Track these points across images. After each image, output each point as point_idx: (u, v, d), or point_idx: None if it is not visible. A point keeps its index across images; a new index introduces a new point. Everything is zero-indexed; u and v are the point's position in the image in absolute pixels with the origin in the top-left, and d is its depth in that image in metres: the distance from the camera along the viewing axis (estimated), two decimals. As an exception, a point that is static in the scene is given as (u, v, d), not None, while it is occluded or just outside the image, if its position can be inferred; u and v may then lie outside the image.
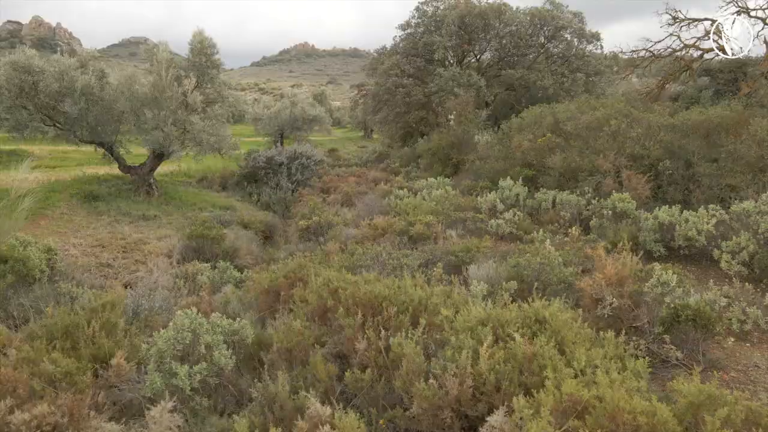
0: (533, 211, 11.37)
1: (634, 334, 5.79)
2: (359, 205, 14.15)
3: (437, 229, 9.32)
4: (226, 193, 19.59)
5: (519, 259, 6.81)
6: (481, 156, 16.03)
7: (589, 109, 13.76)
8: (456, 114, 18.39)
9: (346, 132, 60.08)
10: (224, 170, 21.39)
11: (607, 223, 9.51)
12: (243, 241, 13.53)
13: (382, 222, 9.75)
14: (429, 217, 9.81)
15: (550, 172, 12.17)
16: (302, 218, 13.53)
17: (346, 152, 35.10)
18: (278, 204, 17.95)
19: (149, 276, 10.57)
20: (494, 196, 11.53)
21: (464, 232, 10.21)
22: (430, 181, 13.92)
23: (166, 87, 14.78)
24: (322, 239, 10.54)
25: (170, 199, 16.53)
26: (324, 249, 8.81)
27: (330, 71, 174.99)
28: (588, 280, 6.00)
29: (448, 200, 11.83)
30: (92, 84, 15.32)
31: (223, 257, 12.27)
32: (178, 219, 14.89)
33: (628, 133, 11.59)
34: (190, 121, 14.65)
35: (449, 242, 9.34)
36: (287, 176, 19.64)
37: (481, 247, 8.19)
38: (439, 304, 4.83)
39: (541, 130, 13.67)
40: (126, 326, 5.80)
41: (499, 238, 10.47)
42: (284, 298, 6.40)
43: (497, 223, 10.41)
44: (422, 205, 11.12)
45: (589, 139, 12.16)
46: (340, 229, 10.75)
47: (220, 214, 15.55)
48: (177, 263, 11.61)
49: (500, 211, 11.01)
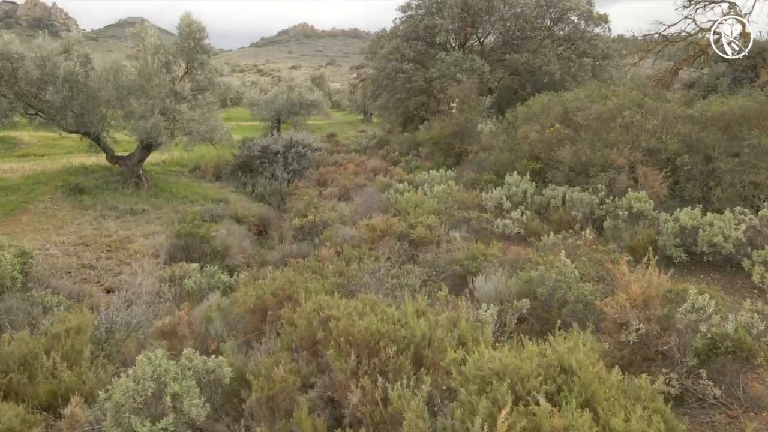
0: (541, 209, 10.71)
1: (662, 362, 5.18)
2: (357, 199, 13.48)
3: (440, 232, 8.66)
4: (220, 183, 18.90)
5: (531, 273, 6.17)
6: (484, 146, 15.31)
7: (600, 98, 12.99)
8: (458, 101, 17.61)
9: (346, 115, 59.06)
10: (218, 159, 20.66)
11: (622, 224, 8.85)
12: (235, 237, 12.90)
13: (380, 223, 9.10)
14: (431, 217, 9.15)
15: (560, 167, 11.48)
16: (297, 214, 12.87)
17: (345, 137, 34.27)
18: (273, 195, 17.28)
19: (133, 279, 9.96)
20: (500, 193, 10.85)
21: (469, 233, 9.56)
22: (432, 175, 13.23)
23: (153, 74, 14.00)
24: (317, 240, 9.89)
25: (160, 192, 15.85)
26: (318, 255, 8.17)
27: (329, 52, 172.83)
28: (610, 302, 5.37)
29: (451, 196, 11.15)
30: (76, 70, 14.55)
31: (213, 257, 11.65)
32: (168, 213, 14.23)
33: (644, 125, 10.87)
34: (178, 110, 13.90)
35: (453, 245, 8.70)
36: (283, 166, 18.93)
37: (488, 254, 7.54)
38: (444, 339, 4.20)
39: (549, 121, 12.93)
40: (94, 353, 5.19)
41: (505, 238, 9.83)
42: (272, 318, 5.78)
43: (504, 223, 9.75)
44: (423, 203, 10.45)
45: (600, 131, 11.44)
46: (336, 228, 10.10)
47: (212, 207, 14.90)
48: (164, 264, 10.99)
49: (506, 209, 10.34)
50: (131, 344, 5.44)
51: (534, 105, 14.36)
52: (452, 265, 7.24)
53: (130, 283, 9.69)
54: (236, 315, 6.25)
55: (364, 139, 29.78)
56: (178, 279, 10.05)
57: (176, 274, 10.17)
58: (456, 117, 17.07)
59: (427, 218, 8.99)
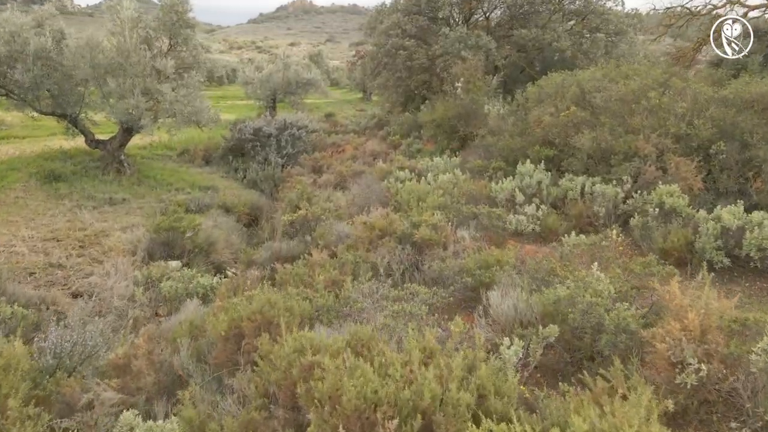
0: (558, 202, 9.68)
1: (726, 409, 4.22)
2: (354, 188, 12.44)
3: (446, 232, 7.65)
4: (210, 168, 17.80)
5: (559, 292, 5.17)
6: (492, 130, 14.19)
7: (620, 77, 11.85)
8: (463, 80, 16.42)
9: (345, 93, 57.48)
10: (209, 142, 19.50)
11: (652, 222, 7.83)
12: (222, 230, 11.89)
13: (379, 220, 8.07)
14: (436, 214, 8.12)
15: (577, 154, 10.41)
16: (289, 205, 11.85)
17: (343, 116, 33.03)
18: (266, 182, 16.21)
19: (105, 281, 8.96)
20: (512, 184, 9.80)
21: (478, 231, 8.55)
22: (436, 162, 12.16)
23: (132, 51, 12.82)
24: (309, 238, 8.88)
25: (144, 178, 14.78)
26: (308, 260, 7.16)
27: (328, 29, 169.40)
28: (660, 333, 4.38)
29: (458, 187, 10.12)
30: (49, 47, 13.36)
31: (196, 253, 10.65)
32: (151, 203, 13.19)
33: (672, 108, 9.77)
34: (160, 90, 12.75)
35: (461, 246, 7.70)
36: (276, 149, 17.81)
37: (503, 261, 6.55)
38: (461, 398, 3.22)
39: (564, 103, 11.81)
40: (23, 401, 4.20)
41: (518, 234, 8.82)
42: (248, 348, 4.81)
43: (517, 219, 8.73)
44: (427, 196, 9.42)
45: (623, 114, 10.34)
46: (329, 225, 9.08)
47: (199, 196, 13.86)
48: (141, 262, 10.00)
49: (520, 203, 9.31)
50: (76, 383, 4.46)
51: (547, 85, 13.21)
52: (462, 275, 6.25)
53: (101, 286, 8.72)
54: (209, 339, 5.28)
55: (364, 119, 28.65)
56: (155, 281, 9.08)
57: (153, 275, 9.20)
58: (461, 97, 15.90)
59: (431, 215, 7.97)
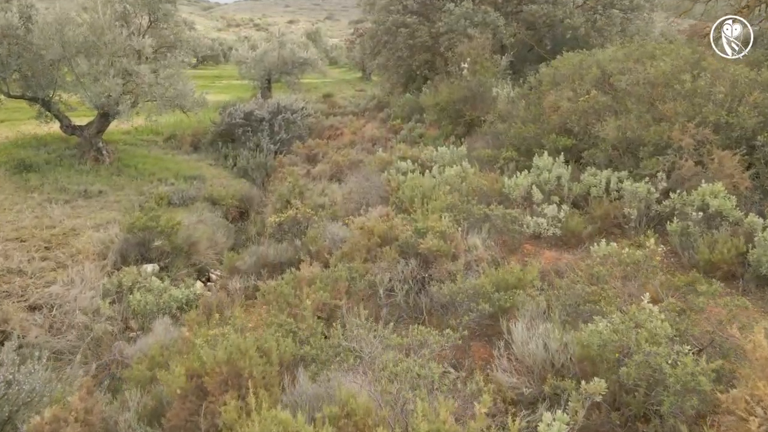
0: (579, 200, 8.60)
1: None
2: (352, 180, 11.35)
3: (456, 240, 6.59)
4: (198, 155, 16.66)
5: (603, 333, 4.13)
6: (502, 115, 13.04)
7: (645, 57, 10.67)
8: (470, 61, 15.20)
9: (343, 72, 55.85)
10: (198, 126, 18.32)
11: (694, 228, 6.77)
12: (206, 227, 10.84)
13: (379, 225, 7.02)
14: (444, 217, 7.06)
15: (600, 144, 9.30)
16: (279, 199, 10.78)
17: (342, 97, 31.78)
18: (257, 170, 15.11)
19: (68, 291, 7.94)
20: (528, 180, 8.71)
21: (491, 236, 7.50)
22: (441, 152, 11.03)
23: (106, 28, 11.61)
24: (299, 242, 7.83)
25: (124, 168, 13.67)
26: (295, 275, 6.12)
27: (328, 6, 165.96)
28: (743, 399, 3.36)
29: (467, 182, 9.03)
30: (15, 24, 12.15)
31: (176, 254, 9.61)
32: (130, 195, 12.11)
33: (710, 92, 8.63)
34: (137, 71, 11.58)
35: (473, 255, 6.66)
36: (269, 135, 16.65)
37: (525, 280, 5.51)
38: None
39: (583, 86, 10.65)
40: None
41: (535, 237, 7.78)
42: (211, 409, 3.80)
43: (536, 222, 7.67)
44: (433, 193, 8.34)
45: (653, 100, 9.20)
46: (322, 227, 8.03)
47: (183, 188, 12.76)
48: (112, 267, 8.97)
49: (537, 201, 8.23)
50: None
51: (562, 66, 12.00)
52: (478, 300, 5.21)
53: (63, 298, 7.70)
54: (168, 390, 4.26)
55: (363, 100, 27.51)
56: (125, 290, 8.06)
57: (124, 282, 8.18)
58: (467, 79, 14.70)
59: (439, 220, 6.91)
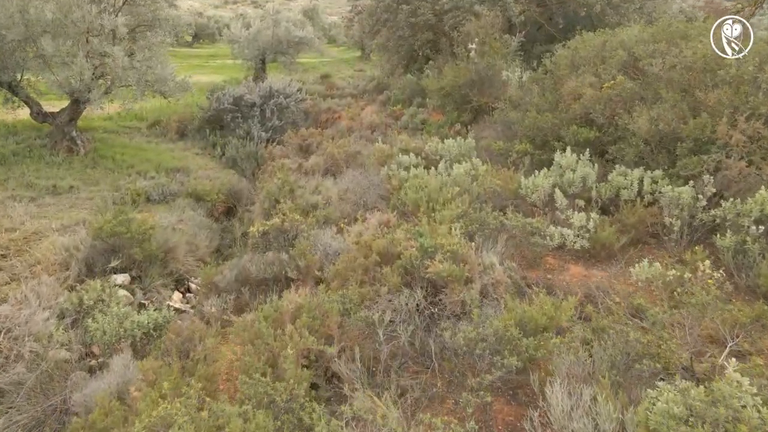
0: (608, 204, 7.52)
1: None
2: (348, 175, 10.25)
3: (470, 259, 5.53)
4: (184, 143, 15.49)
5: (670, 408, 3.09)
6: (513, 102, 11.88)
7: (677, 36, 9.48)
8: (478, 41, 13.96)
9: (342, 51, 54.18)
10: (185, 111, 17.09)
11: (753, 244, 5.70)
12: (187, 229, 9.78)
13: (378, 239, 5.95)
14: (455, 230, 5.99)
15: (630, 138, 8.18)
16: (267, 198, 9.70)
17: (340, 77, 30.48)
18: (247, 160, 13.97)
19: (20, 312, 6.90)
20: (548, 180, 7.62)
21: (509, 249, 6.45)
22: (448, 145, 9.90)
23: (74, 5, 10.39)
24: (286, 256, 6.76)
25: (101, 159, 12.53)
26: (278, 306, 5.08)
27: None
28: None
29: (479, 183, 7.94)
30: (-26, 0, 10.90)
31: (150, 262, 8.56)
32: (104, 191, 10.99)
33: (758, 79, 7.49)
34: (109, 53, 10.39)
35: (490, 278, 5.61)
36: (260, 121, 15.47)
37: (558, 318, 4.47)
38: None
39: (608, 71, 9.49)
40: None
41: (558, 247, 6.72)
42: None
43: (561, 232, 6.60)
44: (440, 196, 7.26)
45: (692, 87, 8.05)
46: (314, 237, 6.96)
47: (164, 182, 11.63)
48: (76, 279, 7.92)
49: (561, 207, 7.14)
50: None
51: (582, 47, 10.80)
52: (502, 350, 4.16)
53: (13, 320, 6.66)
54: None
55: (362, 81, 26.29)
56: (86, 310, 7.03)
57: (85, 300, 7.14)
58: (475, 61, 13.48)
59: (449, 234, 5.84)
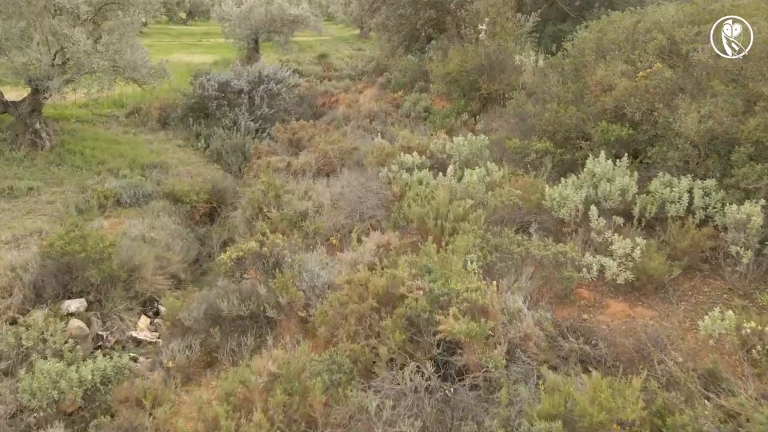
0: (652, 222, 6.29)
1: None
2: (343, 177, 9.02)
3: (492, 307, 4.33)
4: (165, 133, 14.16)
5: None
6: (528, 90, 10.56)
7: (722, 17, 8.14)
8: (489, 21, 12.58)
9: (341, 29, 52.38)
10: (168, 97, 15.73)
11: None
12: (160, 239, 8.58)
13: (377, 279, 4.75)
14: (471, 265, 4.78)
15: (674, 140, 6.92)
16: (250, 205, 8.47)
17: (338, 57, 29.05)
18: (234, 153, 12.70)
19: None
20: (580, 194, 6.37)
21: (536, 283, 5.25)
22: (457, 144, 8.61)
23: (26, -20, 9.03)
24: (263, 290, 5.56)
25: (68, 154, 11.25)
26: (243, 377, 3.90)
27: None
28: None
29: (496, 193, 6.71)
30: None
31: (111, 284, 7.37)
32: (69, 193, 9.75)
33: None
34: (69, 36, 9.07)
35: (517, 332, 4.42)
36: (249, 109, 14.15)
37: (622, 411, 3.29)
38: None
39: (645, 58, 8.18)
40: None
41: (595, 281, 5.51)
42: None
43: (599, 262, 5.39)
44: (450, 211, 6.04)
45: (749, 78, 6.76)
46: (299, 264, 5.76)
47: (137, 182, 10.38)
48: (19, 307, 6.74)
49: (597, 227, 5.91)
50: None
51: (611, 29, 9.44)
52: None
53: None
54: None
55: (361, 62, 25.06)
56: (24, 353, 5.87)
57: (27, 338, 5.97)
58: (485, 44, 12.11)
59: (464, 270, 4.63)
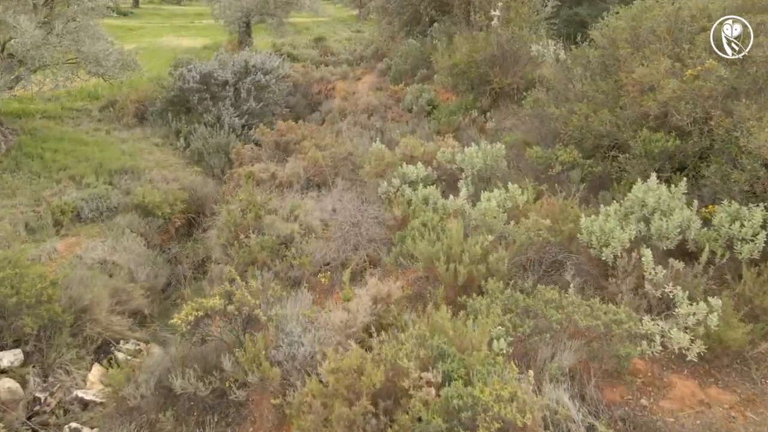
0: (723, 265, 5.03)
1: None
2: (336, 191, 7.75)
3: (532, 417, 3.11)
4: (143, 129, 12.79)
5: None
6: (548, 85, 9.23)
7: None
8: (502, 6, 11.18)
9: (340, 9, 50.52)
10: (148, 88, 14.31)
11: None
12: (120, 267, 7.35)
13: (371, 367, 3.52)
14: (498, 344, 3.55)
15: (740, 158, 5.64)
16: (226, 227, 7.22)
17: (336, 40, 27.59)
18: (216, 155, 11.39)
19: None
20: (629, 231, 5.09)
21: (579, 361, 4.02)
22: (470, 154, 7.30)
23: (-39, -42, 7.65)
24: (229, 362, 4.33)
25: (26, 158, 9.92)
26: None
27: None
28: None
29: (520, 223, 5.45)
30: None
31: (55, 330, 6.16)
32: (21, 207, 8.47)
33: None
34: (14, 25, 7.72)
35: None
36: (234, 104, 12.78)
37: None
38: None
39: (694, 52, 6.86)
40: None
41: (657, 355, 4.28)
42: None
43: (662, 330, 4.15)
44: (465, 250, 4.79)
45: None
46: (274, 326, 4.52)
47: (103, 192, 9.08)
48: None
49: (653, 278, 4.64)
50: None
51: (648, 16, 8.06)
52: None
53: None
54: None
55: (359, 45, 23.70)
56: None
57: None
58: (498, 32, 10.73)
59: (492, 360, 3.41)
